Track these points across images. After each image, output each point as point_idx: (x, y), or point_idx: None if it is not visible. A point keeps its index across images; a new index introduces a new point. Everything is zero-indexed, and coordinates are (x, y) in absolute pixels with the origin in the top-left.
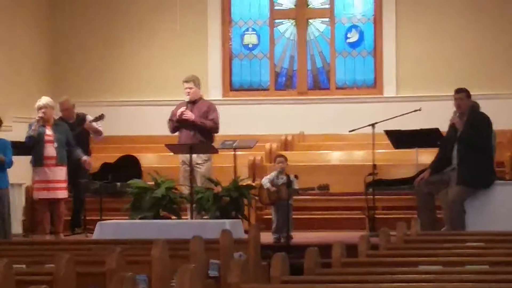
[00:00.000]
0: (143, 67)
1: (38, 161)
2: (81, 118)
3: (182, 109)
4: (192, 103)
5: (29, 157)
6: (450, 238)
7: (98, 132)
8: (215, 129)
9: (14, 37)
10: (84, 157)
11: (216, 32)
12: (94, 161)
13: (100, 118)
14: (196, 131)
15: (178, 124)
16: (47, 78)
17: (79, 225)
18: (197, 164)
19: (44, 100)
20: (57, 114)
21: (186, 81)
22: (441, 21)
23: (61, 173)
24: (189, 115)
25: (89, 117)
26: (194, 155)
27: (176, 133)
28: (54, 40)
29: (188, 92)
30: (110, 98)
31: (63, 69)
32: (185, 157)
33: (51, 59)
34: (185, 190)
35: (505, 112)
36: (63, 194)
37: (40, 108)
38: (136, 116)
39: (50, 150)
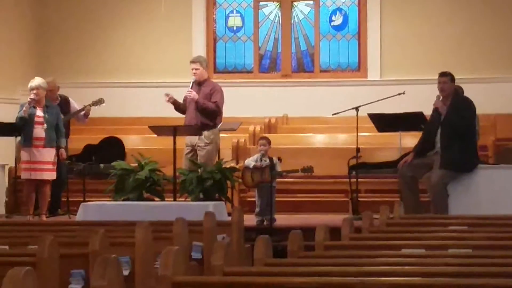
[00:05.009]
0: (127, 49)
1: (27, 142)
2: (65, 100)
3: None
4: (198, 84)
5: (13, 138)
6: (433, 222)
7: (87, 116)
8: (216, 112)
9: None
10: (62, 149)
11: (201, 14)
12: (78, 142)
13: (99, 102)
14: (198, 113)
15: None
16: (31, 60)
17: (58, 206)
18: (198, 146)
19: (37, 81)
20: None
21: (193, 62)
22: (426, 4)
23: (49, 154)
24: (193, 95)
25: (72, 100)
26: (196, 138)
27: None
28: (39, 22)
29: (195, 73)
30: (94, 80)
31: (46, 51)
32: (189, 140)
33: (35, 41)
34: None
35: (489, 96)
36: (49, 175)
37: (32, 89)
38: (120, 98)
39: (39, 131)
